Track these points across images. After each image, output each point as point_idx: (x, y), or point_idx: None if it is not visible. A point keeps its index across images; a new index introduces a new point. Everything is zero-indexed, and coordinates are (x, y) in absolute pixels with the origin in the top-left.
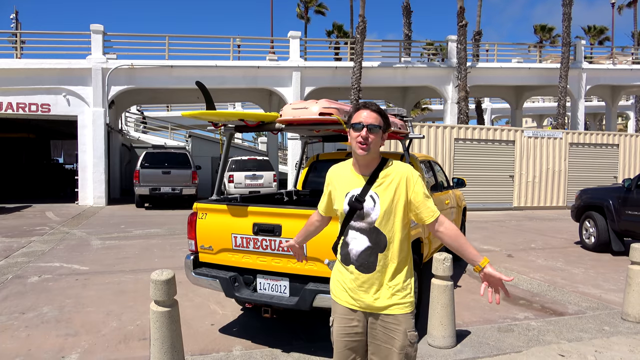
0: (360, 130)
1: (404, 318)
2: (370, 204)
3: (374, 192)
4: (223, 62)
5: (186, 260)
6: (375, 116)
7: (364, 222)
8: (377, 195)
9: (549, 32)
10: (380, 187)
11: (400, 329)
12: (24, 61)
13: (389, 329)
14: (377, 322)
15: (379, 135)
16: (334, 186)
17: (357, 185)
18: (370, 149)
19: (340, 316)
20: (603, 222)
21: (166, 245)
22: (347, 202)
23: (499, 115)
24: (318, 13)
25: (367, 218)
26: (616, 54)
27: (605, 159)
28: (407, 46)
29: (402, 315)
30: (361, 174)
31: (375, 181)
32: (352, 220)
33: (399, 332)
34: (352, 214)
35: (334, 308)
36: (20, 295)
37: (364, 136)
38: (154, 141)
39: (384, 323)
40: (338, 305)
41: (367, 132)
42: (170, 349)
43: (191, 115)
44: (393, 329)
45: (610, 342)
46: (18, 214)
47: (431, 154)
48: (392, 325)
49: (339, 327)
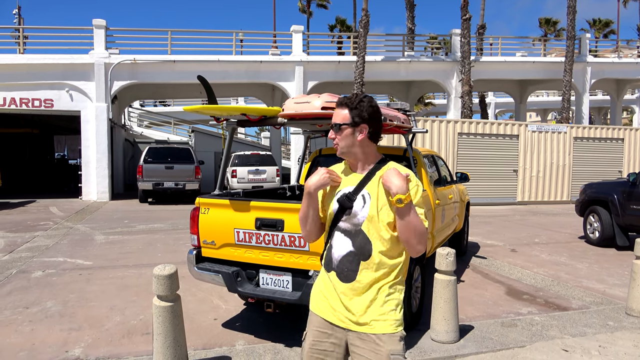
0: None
1: (387, 338)
2: (360, 203)
3: (366, 192)
4: (225, 57)
5: (189, 255)
6: (342, 114)
7: (350, 223)
8: (369, 195)
9: (554, 25)
10: (375, 188)
11: (382, 350)
12: (27, 56)
13: (368, 349)
14: (356, 340)
15: (350, 132)
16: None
17: (350, 183)
18: (342, 148)
19: (316, 329)
20: (607, 217)
21: (169, 240)
22: (336, 199)
23: (503, 109)
24: (320, 7)
25: (353, 219)
26: (621, 47)
27: (610, 153)
28: (410, 40)
29: (386, 336)
30: (354, 172)
31: (371, 180)
32: (340, 221)
33: (381, 354)
34: (340, 214)
35: (309, 320)
36: (24, 289)
37: (330, 137)
38: (157, 136)
39: (362, 342)
40: (315, 316)
41: (333, 132)
42: (173, 343)
43: (193, 110)
44: (373, 349)
45: (615, 337)
46: (22, 209)
47: (434, 149)
48: (372, 345)
49: (313, 341)
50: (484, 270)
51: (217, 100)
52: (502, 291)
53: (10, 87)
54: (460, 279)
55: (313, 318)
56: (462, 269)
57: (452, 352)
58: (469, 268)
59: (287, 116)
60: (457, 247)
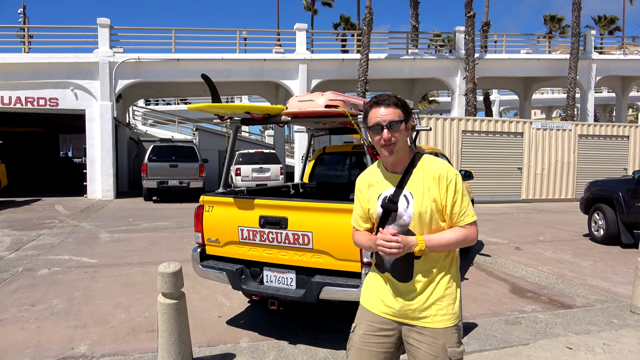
0: (381, 131)
1: (443, 332)
2: (403, 204)
3: (407, 192)
4: (229, 55)
5: (193, 253)
6: (393, 110)
7: (398, 225)
8: (411, 194)
9: (559, 22)
10: (415, 186)
11: (438, 343)
12: (32, 55)
13: (425, 343)
14: (412, 333)
15: (403, 130)
16: (366, 192)
17: (389, 185)
18: (396, 149)
19: (369, 323)
20: (612, 215)
21: (174, 238)
22: (379, 204)
23: (507, 107)
24: (325, 5)
25: (399, 220)
26: (627, 44)
27: (615, 151)
28: (414, 38)
29: (442, 329)
30: (392, 172)
31: (409, 179)
32: (387, 224)
33: (437, 346)
34: (386, 217)
35: (361, 315)
36: (30, 287)
37: (386, 138)
38: (162, 135)
39: (419, 336)
40: (367, 311)
41: (388, 132)
42: (177, 340)
43: (197, 108)
44: (430, 342)
45: (619, 335)
46: (28, 207)
47: (438, 147)
48: (428, 338)
49: (365, 334)
50: (487, 268)
51: (221, 98)
52: (506, 289)
53: (16, 86)
54: (464, 276)
55: (365, 313)
56: (466, 266)
57: None
58: (473, 266)
59: (291, 114)
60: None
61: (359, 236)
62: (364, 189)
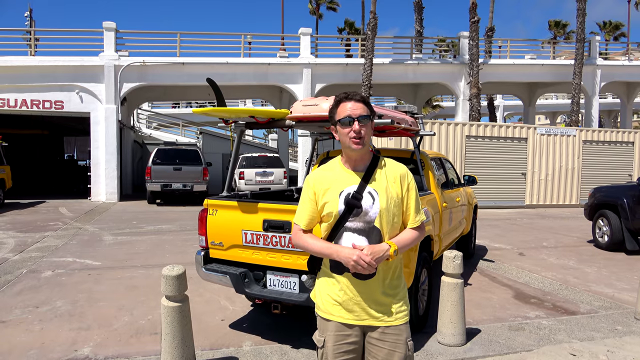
0: (351, 124)
1: (405, 327)
2: (368, 201)
3: (372, 189)
4: (234, 59)
5: (197, 256)
6: (361, 106)
7: (362, 222)
8: (375, 192)
9: (563, 28)
10: (378, 184)
11: (402, 339)
12: (38, 58)
13: (389, 342)
14: (376, 335)
15: (370, 125)
16: (322, 190)
17: (351, 182)
18: (365, 141)
19: (335, 334)
20: (617, 221)
21: (177, 241)
22: (342, 201)
23: (511, 112)
24: (330, 9)
25: (365, 217)
26: (632, 50)
27: (619, 157)
28: (418, 42)
29: (404, 325)
30: (353, 169)
31: (372, 177)
32: (348, 221)
33: (401, 343)
34: (348, 214)
35: (323, 327)
36: (34, 289)
37: (357, 130)
38: (166, 138)
39: (384, 336)
40: (329, 322)
41: (359, 125)
42: (180, 343)
43: (202, 112)
44: (395, 340)
45: (623, 342)
46: (32, 210)
47: (442, 152)
48: (393, 336)
49: (334, 346)
50: (491, 274)
51: (225, 102)
52: (509, 295)
53: (22, 89)
54: (468, 282)
55: (327, 324)
56: (470, 272)
57: (459, 355)
58: (477, 271)
59: (295, 118)
60: (464, 250)
61: (308, 240)
62: (320, 186)
